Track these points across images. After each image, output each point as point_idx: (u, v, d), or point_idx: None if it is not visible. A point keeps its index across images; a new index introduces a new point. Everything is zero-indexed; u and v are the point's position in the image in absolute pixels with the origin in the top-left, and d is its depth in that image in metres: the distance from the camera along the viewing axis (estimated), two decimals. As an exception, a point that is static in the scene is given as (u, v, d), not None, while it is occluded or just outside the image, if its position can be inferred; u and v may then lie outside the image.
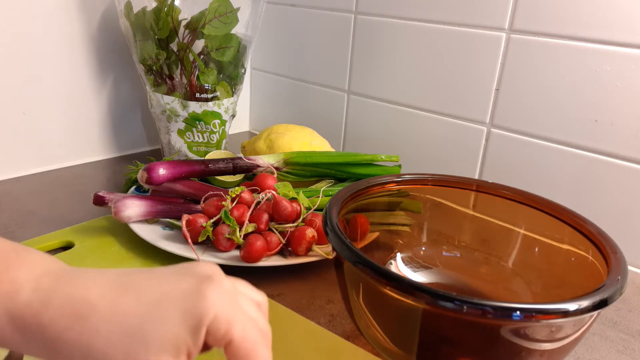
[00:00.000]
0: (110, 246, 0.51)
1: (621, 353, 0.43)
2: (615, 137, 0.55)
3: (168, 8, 0.63)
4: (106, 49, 0.73)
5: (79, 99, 0.72)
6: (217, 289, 0.25)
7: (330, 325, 0.43)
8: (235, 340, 0.25)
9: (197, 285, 0.25)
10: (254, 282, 0.47)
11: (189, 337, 0.24)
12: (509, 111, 0.62)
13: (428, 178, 0.47)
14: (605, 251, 0.35)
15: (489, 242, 0.46)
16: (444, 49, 0.66)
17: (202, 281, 0.25)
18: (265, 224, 0.49)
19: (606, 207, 0.57)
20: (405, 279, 0.32)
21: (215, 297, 0.25)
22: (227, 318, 0.25)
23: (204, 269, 0.27)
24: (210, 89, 0.68)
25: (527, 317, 0.28)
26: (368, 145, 0.78)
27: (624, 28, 0.52)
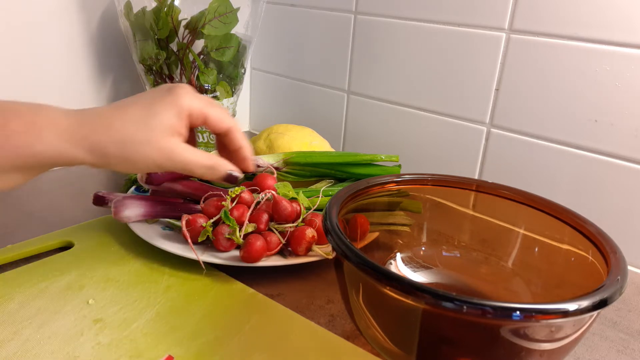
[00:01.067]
0: (110, 246, 0.51)
1: (621, 353, 0.43)
2: (615, 137, 0.55)
3: (168, 8, 0.63)
4: (106, 49, 0.72)
5: (79, 99, 0.72)
6: (184, 89, 0.41)
7: (330, 325, 0.43)
8: (209, 114, 0.42)
9: (171, 88, 0.41)
10: (253, 282, 0.47)
11: (177, 121, 0.40)
12: (509, 111, 0.62)
13: (428, 178, 0.47)
14: (605, 251, 0.35)
15: (489, 242, 0.46)
16: (444, 49, 0.66)
17: (172, 87, 0.41)
18: (265, 224, 0.49)
19: (606, 207, 0.57)
20: (405, 279, 0.32)
21: (183, 92, 0.41)
22: (197, 104, 0.41)
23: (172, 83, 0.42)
24: (210, 89, 0.68)
25: (527, 317, 0.28)
26: (368, 145, 0.78)
27: (624, 28, 0.52)
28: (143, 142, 0.38)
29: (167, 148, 0.39)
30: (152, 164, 0.39)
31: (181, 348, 0.38)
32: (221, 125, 0.43)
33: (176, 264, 0.48)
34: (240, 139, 0.45)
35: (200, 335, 0.40)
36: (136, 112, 0.39)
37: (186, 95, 0.41)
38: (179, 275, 0.47)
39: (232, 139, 0.44)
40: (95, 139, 0.38)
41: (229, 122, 0.43)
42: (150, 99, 0.40)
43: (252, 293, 0.46)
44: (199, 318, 0.42)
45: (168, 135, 0.39)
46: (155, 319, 0.41)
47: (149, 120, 0.39)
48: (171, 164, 0.40)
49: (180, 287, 0.46)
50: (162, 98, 0.40)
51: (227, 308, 0.43)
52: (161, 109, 0.39)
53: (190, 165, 0.41)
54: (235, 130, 0.44)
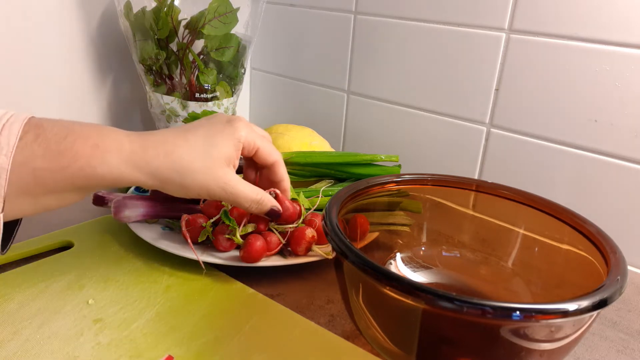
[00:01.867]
0: (110, 246, 0.51)
1: (621, 353, 0.43)
2: (615, 137, 0.55)
3: (168, 8, 0.63)
4: (106, 49, 0.72)
5: (79, 99, 0.72)
6: (242, 122, 0.44)
7: (330, 325, 0.43)
8: (260, 147, 0.45)
9: (230, 120, 0.44)
10: (253, 282, 0.47)
11: (233, 152, 0.43)
12: (509, 111, 0.62)
13: (428, 178, 0.47)
14: (604, 251, 0.35)
15: (489, 242, 0.46)
16: (444, 49, 0.66)
17: (231, 119, 0.44)
18: (265, 224, 0.49)
19: (606, 207, 0.57)
20: (405, 279, 0.32)
21: (241, 126, 0.43)
22: (252, 137, 0.44)
23: (227, 115, 0.46)
24: (210, 89, 0.68)
25: (527, 317, 0.28)
26: (368, 145, 0.78)
27: (624, 28, 0.52)
28: (201, 171, 0.41)
29: (223, 178, 0.42)
30: (205, 192, 0.42)
31: (181, 348, 0.38)
32: (269, 159, 0.46)
33: (176, 264, 0.48)
34: (283, 172, 0.48)
35: (200, 335, 0.40)
36: (198, 142, 0.41)
37: (244, 128, 0.43)
38: (179, 275, 0.47)
39: (276, 171, 0.47)
40: (157, 164, 0.40)
41: (276, 155, 0.47)
42: (210, 128, 0.43)
43: (252, 293, 0.46)
44: (198, 318, 0.42)
45: (224, 166, 0.42)
46: (155, 319, 0.41)
47: (210, 150, 0.41)
48: (224, 194, 0.42)
49: (180, 287, 0.46)
50: (222, 130, 0.43)
51: (227, 308, 0.43)
52: (221, 140, 0.42)
53: (241, 197, 0.43)
54: (280, 164, 0.47)
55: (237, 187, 0.42)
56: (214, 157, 0.41)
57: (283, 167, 0.48)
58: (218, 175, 0.41)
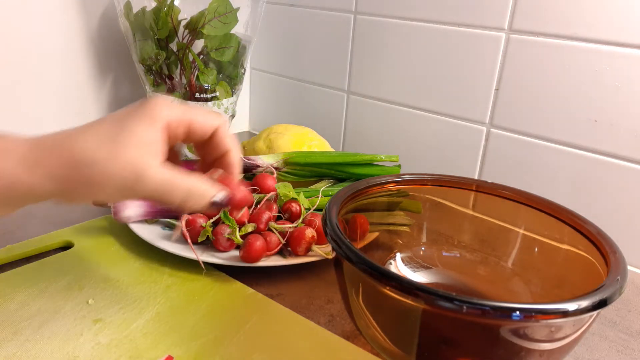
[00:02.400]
0: (110, 246, 0.51)
1: (621, 353, 0.43)
2: (615, 137, 0.55)
3: (167, 8, 0.63)
4: (106, 49, 0.72)
5: (79, 99, 0.72)
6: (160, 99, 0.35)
7: (330, 325, 0.43)
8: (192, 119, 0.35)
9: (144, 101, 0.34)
10: (253, 282, 0.47)
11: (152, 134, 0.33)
12: (509, 111, 0.62)
13: (428, 178, 0.47)
14: (604, 251, 0.35)
15: (489, 242, 0.46)
16: (443, 49, 0.66)
17: (147, 99, 0.35)
18: (265, 224, 0.49)
19: (606, 207, 0.57)
20: (404, 279, 0.32)
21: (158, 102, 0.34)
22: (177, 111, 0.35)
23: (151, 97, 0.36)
24: (210, 89, 0.68)
25: (527, 317, 0.28)
26: (368, 145, 0.78)
27: (624, 28, 0.52)
28: (107, 159, 0.32)
29: (137, 165, 0.32)
30: (118, 186, 0.32)
31: (181, 348, 0.38)
32: (210, 125, 0.37)
33: (176, 264, 0.48)
34: (229, 140, 0.38)
35: (200, 335, 0.40)
36: (103, 129, 0.33)
37: (162, 104, 0.35)
38: (179, 275, 0.47)
39: (219, 141, 0.37)
40: (51, 162, 0.32)
41: (215, 121, 0.37)
42: (121, 113, 0.34)
43: (251, 293, 0.46)
44: (198, 318, 0.42)
45: (140, 152, 0.33)
46: (155, 319, 0.41)
47: (117, 136, 0.32)
48: (141, 188, 0.32)
49: (180, 287, 0.46)
50: (135, 110, 0.34)
51: (227, 308, 0.43)
52: (132, 121, 0.33)
53: (165, 187, 0.33)
54: (222, 129, 0.37)
55: (158, 176, 0.33)
56: (123, 142, 0.32)
57: (228, 134, 0.38)
58: (130, 162, 0.32)
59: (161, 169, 0.33)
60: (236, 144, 0.38)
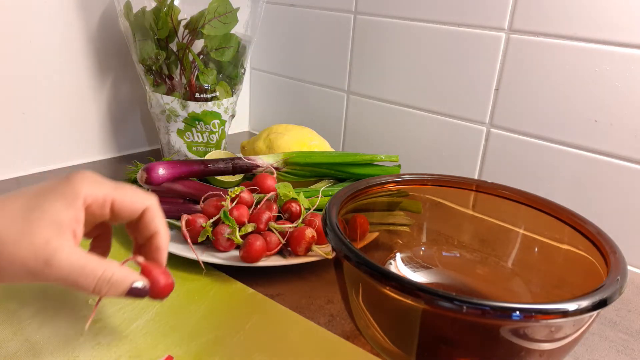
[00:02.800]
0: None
1: (620, 353, 0.43)
2: (615, 138, 0.55)
3: (167, 8, 0.63)
4: (105, 49, 0.72)
5: (79, 99, 0.72)
6: (82, 174, 0.33)
7: (330, 325, 0.43)
8: (116, 198, 0.34)
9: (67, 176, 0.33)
10: (253, 282, 0.47)
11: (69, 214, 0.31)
12: (509, 111, 0.62)
13: (427, 178, 0.47)
14: (604, 251, 0.35)
15: (489, 242, 0.46)
16: (444, 49, 0.66)
17: (71, 174, 0.33)
18: (265, 224, 0.49)
19: (606, 207, 0.57)
20: (404, 279, 0.32)
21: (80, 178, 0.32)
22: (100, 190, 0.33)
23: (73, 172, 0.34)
24: (210, 89, 0.68)
25: (527, 317, 0.28)
26: (368, 145, 0.78)
27: (624, 28, 0.52)
28: (14, 241, 0.29)
29: (47, 248, 0.30)
30: (23, 271, 0.30)
31: (181, 348, 0.38)
32: (135, 208, 0.35)
33: (176, 264, 0.48)
34: (158, 223, 0.36)
35: (199, 335, 0.40)
36: (16, 205, 0.31)
37: (83, 181, 0.32)
38: (179, 275, 0.47)
39: (148, 222, 0.35)
40: None
41: (144, 201, 0.35)
42: (39, 187, 0.32)
43: (251, 293, 0.46)
44: (198, 318, 0.42)
45: (52, 233, 0.30)
46: (155, 319, 0.41)
47: (29, 213, 0.30)
48: (49, 272, 0.30)
49: (179, 287, 0.46)
50: (54, 187, 0.32)
51: (227, 308, 0.43)
52: (48, 199, 0.31)
53: (78, 274, 0.31)
54: (152, 211, 0.35)
55: (70, 259, 0.30)
56: (34, 222, 0.30)
57: (159, 214, 0.36)
58: (39, 245, 0.30)
59: (73, 252, 0.31)
60: (165, 227, 0.36)
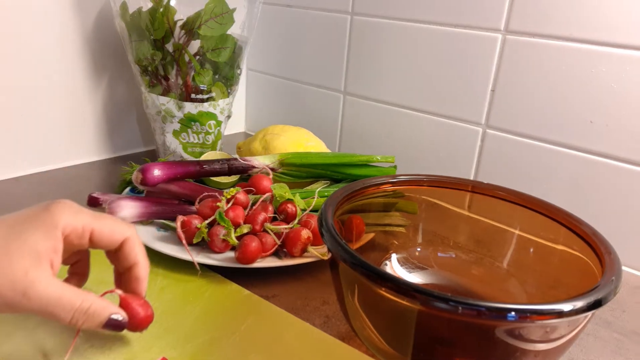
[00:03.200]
0: (105, 247, 0.51)
1: (615, 353, 0.43)
2: (611, 138, 0.55)
3: (164, 9, 0.63)
4: (101, 50, 0.72)
5: (74, 100, 0.71)
6: (62, 204, 0.33)
7: (325, 326, 0.43)
8: (95, 228, 0.34)
9: (48, 204, 0.33)
10: (249, 283, 0.47)
11: (48, 244, 0.31)
12: (505, 112, 0.62)
13: (423, 179, 0.47)
14: (599, 252, 0.35)
15: (484, 242, 0.46)
16: (440, 49, 0.66)
17: (50, 203, 0.33)
18: (261, 225, 0.49)
19: (601, 208, 0.57)
20: (400, 280, 0.32)
21: (60, 208, 0.33)
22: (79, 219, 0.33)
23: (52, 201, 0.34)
24: (206, 89, 0.68)
25: (522, 317, 0.28)
26: (364, 146, 0.78)
27: (620, 29, 0.52)
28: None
29: (25, 280, 0.30)
30: (3, 301, 0.30)
31: (175, 350, 0.38)
32: (114, 238, 0.35)
33: (171, 266, 0.48)
34: (137, 253, 0.36)
35: (194, 337, 0.40)
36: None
37: (63, 210, 0.33)
38: (174, 277, 0.47)
39: (128, 253, 0.36)
40: None
41: (123, 231, 0.36)
42: (19, 216, 0.33)
43: (247, 294, 0.46)
44: (193, 320, 0.42)
45: (30, 264, 0.31)
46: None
47: (8, 243, 0.31)
48: (27, 303, 0.30)
49: (174, 288, 0.45)
50: (34, 216, 0.32)
51: (222, 309, 0.43)
52: (27, 229, 0.31)
53: (54, 305, 0.31)
54: (131, 242, 0.36)
55: (48, 291, 0.31)
56: (14, 252, 0.30)
57: (138, 245, 0.36)
58: (17, 276, 0.30)
59: (51, 283, 0.31)
60: (145, 257, 0.37)
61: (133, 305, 0.35)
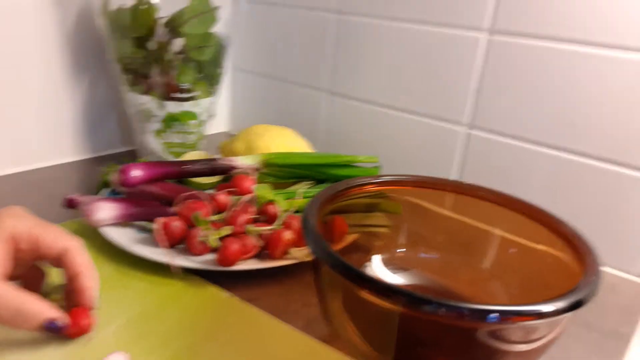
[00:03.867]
0: (82, 249, 0.50)
1: (594, 353, 0.43)
2: (592, 139, 0.55)
3: (146, 6, 0.62)
4: (81, 47, 0.71)
5: (52, 98, 0.70)
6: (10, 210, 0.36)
7: (307, 328, 0.42)
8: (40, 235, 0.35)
9: None
10: (229, 286, 0.46)
11: None
12: (489, 112, 0.62)
13: (407, 179, 0.46)
14: (580, 252, 0.36)
15: (467, 243, 0.46)
16: (425, 49, 0.66)
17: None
18: (242, 227, 0.48)
19: (581, 207, 0.57)
20: (382, 282, 0.31)
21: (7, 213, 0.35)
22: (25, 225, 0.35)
23: None
24: (189, 88, 0.67)
25: (504, 319, 0.28)
26: (348, 147, 0.77)
27: (602, 29, 0.52)
28: None
29: None
30: None
31: (153, 355, 0.37)
32: (57, 246, 0.36)
33: (149, 269, 0.47)
34: (79, 263, 0.36)
35: (173, 341, 0.39)
36: None
37: (9, 215, 0.35)
38: (152, 280, 0.46)
39: (70, 262, 0.36)
40: None
41: (66, 241, 0.36)
42: None
43: (227, 297, 0.45)
44: (172, 324, 0.41)
45: None
46: (127, 325, 0.40)
47: None
48: None
49: (152, 292, 0.45)
50: None
51: (202, 313, 0.42)
52: None
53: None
54: (74, 250, 0.36)
55: None
56: None
57: (80, 255, 0.37)
58: None
59: None
60: (90, 268, 0.37)
61: (74, 312, 0.37)
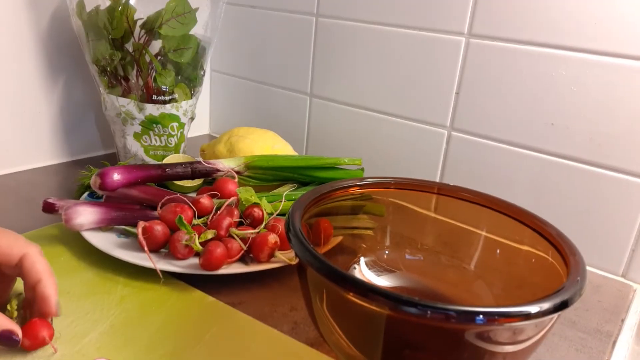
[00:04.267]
0: (60, 256, 0.49)
1: (579, 352, 0.44)
2: (571, 140, 0.56)
3: (122, 7, 0.61)
4: (57, 49, 0.69)
5: (29, 101, 0.68)
6: None
7: (294, 332, 0.42)
8: None
9: None
10: (214, 290, 0.46)
11: None
12: (469, 115, 0.63)
13: (391, 181, 0.46)
14: (564, 252, 0.36)
15: (451, 244, 0.46)
16: (405, 52, 0.66)
17: None
18: (226, 230, 0.48)
19: (563, 208, 0.58)
20: (367, 285, 0.31)
21: None
22: None
23: None
24: (168, 90, 0.66)
25: (490, 320, 0.28)
26: (331, 149, 0.77)
27: (579, 33, 0.54)
28: None
29: None
30: None
31: (136, 362, 0.36)
32: (11, 252, 0.35)
33: (131, 273, 0.46)
34: (38, 270, 0.35)
35: (157, 347, 0.38)
36: None
37: None
38: (135, 285, 0.45)
39: (28, 270, 0.35)
40: None
41: (22, 247, 0.35)
42: None
43: (212, 302, 0.44)
44: (155, 329, 0.40)
45: None
46: (109, 332, 0.39)
47: None
48: None
49: (135, 297, 0.44)
50: None
51: (186, 318, 0.42)
52: None
53: None
54: (31, 257, 0.35)
55: None
56: None
57: (38, 263, 0.35)
58: None
59: None
60: (49, 275, 0.36)
61: (32, 323, 0.35)
